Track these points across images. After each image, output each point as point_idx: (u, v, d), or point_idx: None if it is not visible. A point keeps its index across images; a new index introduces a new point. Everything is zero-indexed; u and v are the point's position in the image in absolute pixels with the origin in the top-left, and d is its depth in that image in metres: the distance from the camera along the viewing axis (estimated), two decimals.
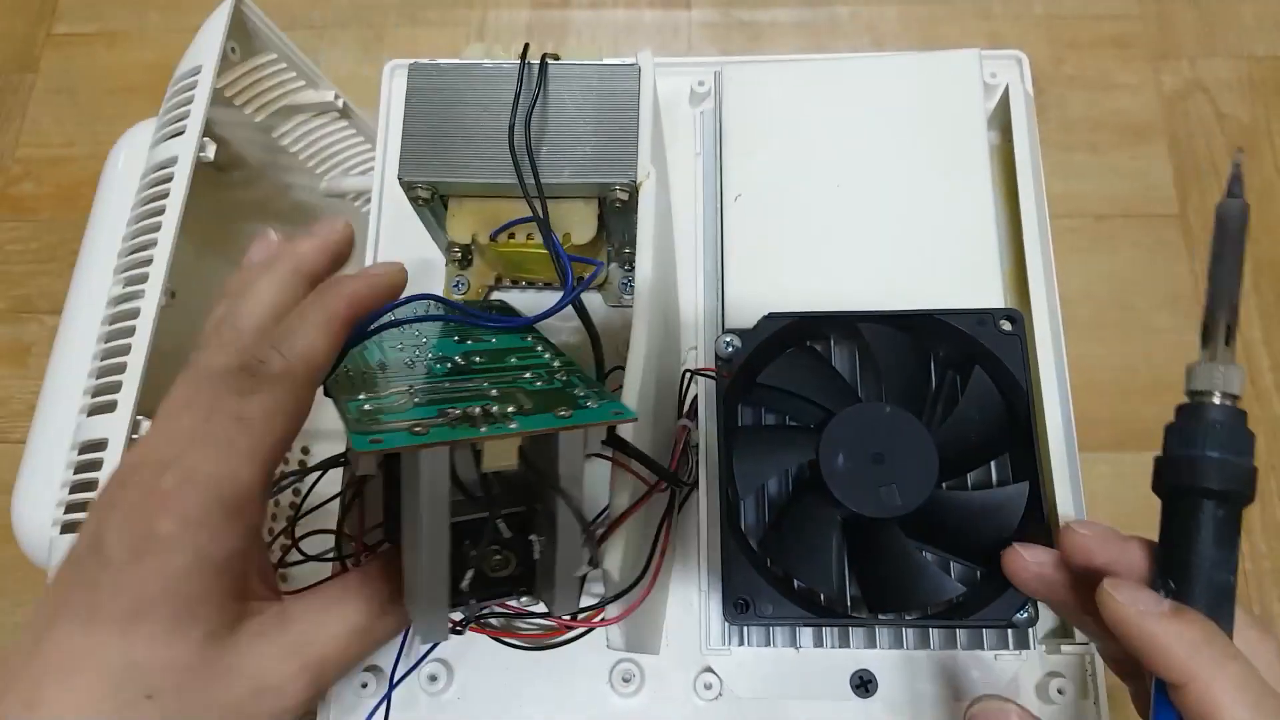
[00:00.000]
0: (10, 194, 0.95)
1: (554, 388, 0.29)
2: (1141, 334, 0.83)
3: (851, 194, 0.43)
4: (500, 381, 0.29)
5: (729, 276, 0.42)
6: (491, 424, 0.25)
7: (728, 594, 0.34)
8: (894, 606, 0.35)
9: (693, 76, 0.49)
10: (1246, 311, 0.84)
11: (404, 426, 0.25)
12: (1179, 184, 0.89)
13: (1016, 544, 0.31)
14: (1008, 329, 0.36)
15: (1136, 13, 0.96)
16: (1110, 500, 0.79)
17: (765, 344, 0.37)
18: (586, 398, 0.28)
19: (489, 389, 0.29)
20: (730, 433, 0.36)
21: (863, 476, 0.34)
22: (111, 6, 1.03)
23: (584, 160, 0.38)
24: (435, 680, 0.40)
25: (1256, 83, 0.93)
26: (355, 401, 0.27)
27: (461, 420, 0.25)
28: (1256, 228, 0.87)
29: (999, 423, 0.36)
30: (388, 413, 0.26)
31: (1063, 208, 0.87)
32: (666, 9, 0.99)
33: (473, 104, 0.39)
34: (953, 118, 0.44)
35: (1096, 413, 0.81)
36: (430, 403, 0.27)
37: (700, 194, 0.47)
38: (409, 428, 0.25)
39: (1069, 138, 0.91)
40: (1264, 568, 0.77)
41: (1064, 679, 0.38)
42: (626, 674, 0.40)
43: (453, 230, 0.39)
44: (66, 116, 0.98)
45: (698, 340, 0.44)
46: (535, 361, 0.32)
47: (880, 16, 0.98)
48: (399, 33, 1.00)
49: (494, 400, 0.27)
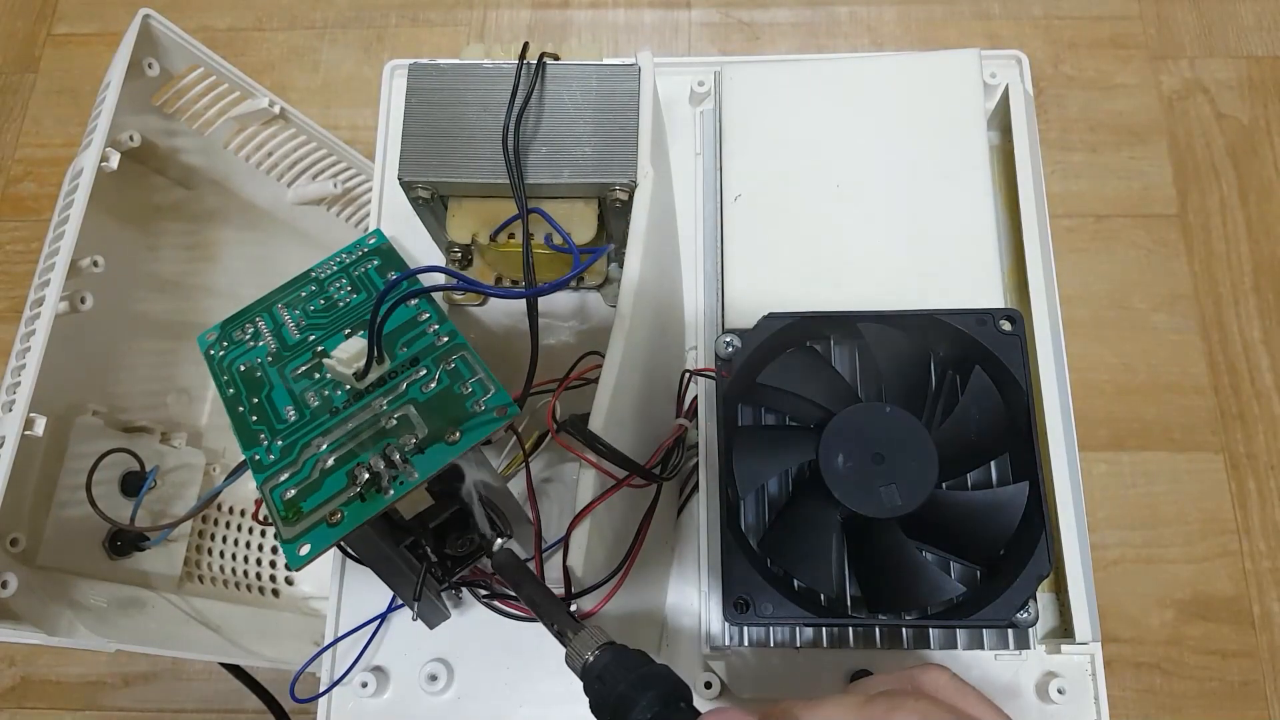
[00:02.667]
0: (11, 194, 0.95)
1: (443, 388, 0.33)
2: (1140, 334, 0.83)
3: (852, 194, 0.43)
4: (394, 395, 0.34)
5: (729, 276, 0.42)
6: (395, 480, 0.31)
7: (728, 594, 0.34)
8: (894, 606, 0.35)
9: (693, 76, 0.49)
10: (1247, 311, 0.84)
11: (322, 516, 0.31)
12: (1178, 184, 0.89)
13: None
14: (1007, 329, 0.36)
15: (1135, 13, 0.96)
16: (1108, 499, 0.80)
17: (765, 344, 0.37)
18: (473, 395, 0.32)
19: (385, 409, 0.33)
20: (730, 433, 0.36)
21: (863, 476, 0.34)
22: (112, 7, 1.02)
23: (584, 160, 0.38)
24: (435, 680, 0.40)
25: (1256, 83, 0.93)
26: (279, 488, 0.32)
27: (370, 486, 0.31)
28: (1255, 228, 0.87)
29: (999, 423, 0.36)
30: (306, 497, 0.32)
31: (1062, 208, 0.87)
32: (666, 9, 0.99)
33: (473, 104, 0.39)
34: (952, 118, 0.44)
35: (1094, 412, 0.81)
36: (338, 462, 0.32)
37: (700, 194, 0.47)
38: (327, 517, 0.31)
39: (1068, 138, 0.91)
40: (1262, 567, 0.77)
41: (1064, 679, 0.38)
42: None
43: (453, 230, 0.39)
44: (67, 116, 0.98)
45: (698, 340, 0.44)
46: (424, 344, 0.35)
47: (879, 17, 0.98)
48: (399, 33, 1.00)
49: (392, 432, 0.32)
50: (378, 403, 0.34)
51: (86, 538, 0.51)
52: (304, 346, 0.37)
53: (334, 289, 0.39)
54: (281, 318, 0.38)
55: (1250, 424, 0.81)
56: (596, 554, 0.33)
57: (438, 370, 0.33)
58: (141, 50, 0.51)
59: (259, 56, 0.99)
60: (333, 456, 0.33)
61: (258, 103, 0.57)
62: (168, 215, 0.59)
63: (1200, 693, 0.74)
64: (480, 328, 0.47)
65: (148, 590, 0.54)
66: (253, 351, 0.38)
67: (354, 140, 0.67)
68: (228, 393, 0.36)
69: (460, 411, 0.32)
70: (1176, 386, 0.82)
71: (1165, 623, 0.76)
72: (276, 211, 0.64)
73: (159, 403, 0.59)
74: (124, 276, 0.54)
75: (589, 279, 0.44)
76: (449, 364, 0.33)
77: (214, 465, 0.61)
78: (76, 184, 0.47)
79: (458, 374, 0.33)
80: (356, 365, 0.33)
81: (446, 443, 0.31)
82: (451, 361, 0.34)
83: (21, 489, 0.46)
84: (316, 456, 0.33)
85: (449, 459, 0.31)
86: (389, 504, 0.31)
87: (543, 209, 0.38)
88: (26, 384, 0.43)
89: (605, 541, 0.34)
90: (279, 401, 0.35)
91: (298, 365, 0.36)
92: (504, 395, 0.31)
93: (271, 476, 0.33)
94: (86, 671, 0.77)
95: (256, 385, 0.36)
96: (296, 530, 0.31)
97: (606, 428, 0.33)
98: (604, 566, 0.35)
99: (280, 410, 0.35)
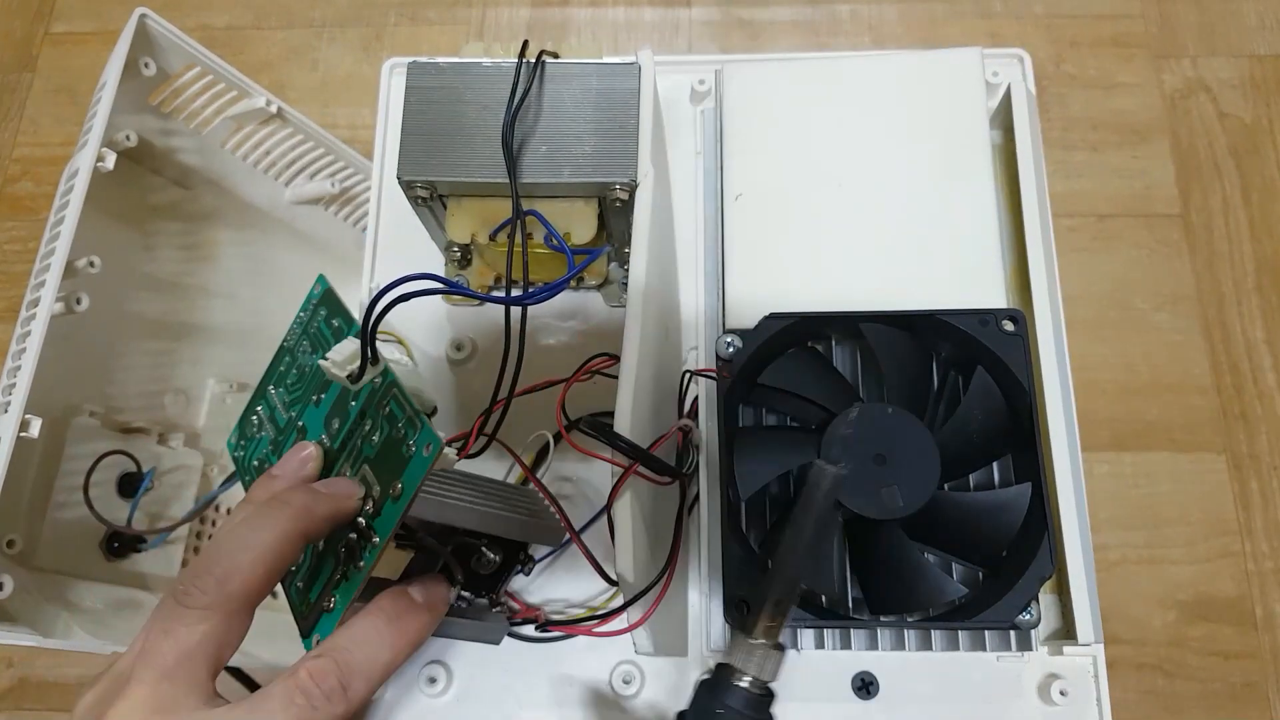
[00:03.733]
0: (8, 193, 0.95)
1: (385, 437, 0.32)
2: (1143, 334, 0.83)
3: (853, 193, 0.43)
4: (354, 458, 0.33)
5: (730, 276, 0.42)
6: (364, 550, 0.30)
7: (728, 595, 0.33)
8: (896, 608, 0.35)
9: (693, 75, 0.49)
10: (1249, 311, 0.84)
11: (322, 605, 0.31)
12: (1180, 183, 0.89)
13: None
14: (1010, 329, 0.36)
15: (1138, 12, 0.96)
16: (1110, 500, 0.79)
17: (766, 344, 0.36)
18: (405, 437, 0.31)
19: (351, 476, 0.33)
20: (731, 433, 0.36)
21: (865, 477, 0.34)
22: (109, 6, 1.02)
23: (584, 159, 0.38)
24: (434, 682, 0.40)
25: (1258, 82, 0.92)
26: (291, 580, 0.33)
27: (349, 562, 0.31)
28: (1258, 227, 0.87)
29: (1001, 423, 0.35)
30: (311, 585, 0.32)
31: (1064, 207, 0.87)
32: (667, 7, 0.99)
33: (472, 103, 0.38)
34: (954, 117, 0.43)
35: (1096, 412, 0.81)
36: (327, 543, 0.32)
37: (701, 193, 0.47)
38: (325, 606, 0.31)
39: (1070, 137, 0.91)
40: (1265, 568, 0.77)
41: (1066, 681, 0.38)
42: (627, 676, 0.39)
43: (452, 230, 0.39)
44: (65, 115, 0.97)
45: (698, 340, 0.44)
46: (366, 391, 0.33)
47: (880, 15, 0.97)
48: (398, 31, 1.00)
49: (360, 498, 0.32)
50: (344, 470, 0.33)
51: (83, 539, 0.51)
52: (290, 426, 0.36)
53: (300, 354, 0.37)
54: (273, 401, 0.37)
55: (1253, 424, 0.81)
56: (641, 554, 0.33)
57: (379, 418, 0.32)
58: (138, 50, 0.51)
59: (257, 55, 0.99)
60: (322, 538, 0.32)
61: (255, 102, 0.57)
62: (164, 215, 0.58)
63: (1202, 694, 0.74)
64: (481, 328, 0.46)
65: (145, 592, 0.53)
66: (261, 445, 0.37)
67: (352, 139, 0.67)
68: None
69: (399, 460, 0.31)
70: (1179, 387, 0.81)
71: (1167, 624, 0.76)
72: (274, 211, 0.64)
73: (156, 404, 0.59)
74: (120, 277, 0.54)
75: (589, 279, 0.44)
76: (385, 408, 0.32)
77: (211, 466, 0.61)
78: (72, 184, 0.47)
79: (393, 417, 0.32)
80: (350, 367, 0.33)
81: (392, 499, 0.30)
82: (386, 405, 0.32)
83: (18, 490, 0.46)
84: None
85: (399, 515, 0.30)
86: (367, 575, 0.30)
87: (539, 210, 0.38)
88: (22, 385, 0.43)
89: (644, 544, 0.33)
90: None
91: (289, 446, 0.35)
92: (428, 431, 0.30)
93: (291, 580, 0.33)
94: (85, 673, 0.77)
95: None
96: (309, 623, 0.31)
97: (632, 428, 0.32)
98: (647, 570, 0.34)
99: None
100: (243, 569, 0.28)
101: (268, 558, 0.28)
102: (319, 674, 0.28)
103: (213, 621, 0.27)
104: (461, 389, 0.46)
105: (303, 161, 0.63)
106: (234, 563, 0.28)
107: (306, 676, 0.27)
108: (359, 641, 0.29)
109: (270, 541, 0.28)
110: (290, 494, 0.30)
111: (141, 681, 0.26)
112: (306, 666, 0.28)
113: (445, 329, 0.46)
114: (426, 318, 0.46)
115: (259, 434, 0.37)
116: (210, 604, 0.27)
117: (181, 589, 0.27)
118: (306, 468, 0.33)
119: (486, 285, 0.44)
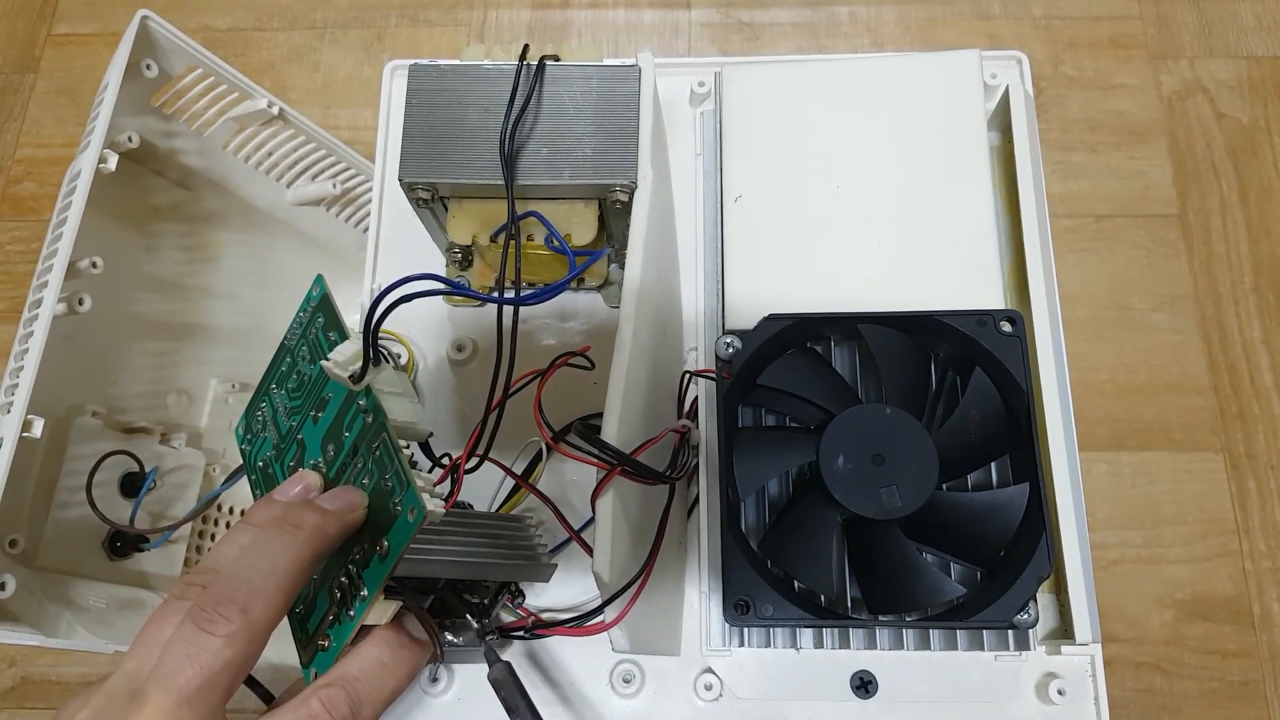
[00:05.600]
0: (11, 194, 0.95)
1: (375, 481, 0.32)
2: (1140, 334, 0.83)
3: (852, 195, 0.43)
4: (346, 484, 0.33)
5: (729, 277, 0.42)
6: (354, 598, 0.31)
7: (728, 595, 0.34)
8: (894, 608, 0.35)
9: (693, 77, 0.49)
10: (1247, 311, 0.84)
11: (318, 642, 0.32)
12: (1178, 184, 0.89)
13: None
14: (1008, 330, 0.36)
15: (1136, 13, 0.96)
16: (1108, 500, 0.80)
17: (765, 345, 0.37)
18: (393, 492, 0.31)
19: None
20: (730, 434, 0.36)
21: (863, 478, 0.34)
22: (112, 7, 1.02)
23: (584, 161, 0.38)
24: (436, 682, 0.40)
25: (1256, 83, 0.93)
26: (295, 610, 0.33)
27: (342, 607, 0.31)
28: (1255, 228, 0.87)
29: (999, 424, 0.36)
30: (309, 616, 0.32)
31: (1062, 208, 0.87)
32: (666, 9, 0.99)
33: (473, 105, 0.39)
34: (953, 118, 0.44)
35: (1094, 412, 0.81)
36: (321, 576, 0.32)
37: (700, 194, 0.47)
38: (319, 644, 0.32)
39: (1068, 138, 0.91)
40: (1262, 567, 0.77)
41: (1064, 680, 0.38)
42: (627, 675, 0.40)
43: (453, 231, 0.39)
44: (67, 117, 0.98)
45: (698, 341, 0.44)
46: (359, 426, 0.33)
47: (879, 17, 0.98)
48: (399, 33, 1.00)
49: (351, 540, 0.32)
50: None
51: (86, 539, 0.51)
52: (291, 437, 0.36)
53: (300, 360, 0.37)
54: (275, 403, 0.37)
55: (1250, 424, 0.81)
56: (619, 554, 0.33)
57: (369, 460, 0.32)
58: (140, 51, 0.51)
59: (259, 57, 0.99)
60: (317, 571, 0.32)
61: (256, 103, 0.57)
62: (166, 216, 0.59)
63: (1200, 693, 0.74)
64: (482, 329, 0.47)
65: (147, 591, 0.54)
66: (265, 445, 0.37)
67: (354, 141, 0.67)
68: (256, 493, 0.37)
69: (386, 514, 0.31)
70: (1176, 386, 0.82)
71: (1165, 623, 0.76)
72: (276, 212, 0.64)
73: (158, 404, 0.59)
74: (123, 277, 0.54)
75: (590, 280, 0.44)
76: (375, 451, 0.32)
77: (214, 466, 0.61)
78: (75, 185, 0.47)
79: (382, 464, 0.32)
80: (353, 368, 0.33)
81: (379, 556, 0.30)
82: (376, 448, 0.32)
83: (21, 490, 0.46)
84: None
85: (386, 574, 0.30)
86: (358, 625, 0.31)
87: (540, 211, 0.38)
88: (24, 385, 0.43)
89: (624, 544, 0.34)
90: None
91: (290, 459, 0.36)
92: (412, 495, 0.30)
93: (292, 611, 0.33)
94: (87, 672, 0.77)
95: (270, 483, 0.36)
96: (309, 655, 0.32)
97: (619, 433, 0.33)
98: (627, 569, 0.34)
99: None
100: (265, 596, 0.28)
101: (287, 584, 0.29)
102: (331, 702, 0.29)
103: (237, 648, 0.27)
104: (462, 389, 0.46)
105: (304, 163, 0.63)
106: (255, 589, 0.28)
107: (319, 705, 0.29)
108: (367, 672, 0.31)
109: (287, 567, 0.29)
110: (300, 515, 0.30)
111: (159, 705, 0.26)
112: (319, 694, 0.29)
113: (446, 330, 0.47)
114: (428, 318, 0.47)
115: (264, 433, 0.37)
116: (235, 631, 0.27)
117: (205, 615, 0.27)
118: (308, 498, 0.33)
119: (487, 286, 0.44)
